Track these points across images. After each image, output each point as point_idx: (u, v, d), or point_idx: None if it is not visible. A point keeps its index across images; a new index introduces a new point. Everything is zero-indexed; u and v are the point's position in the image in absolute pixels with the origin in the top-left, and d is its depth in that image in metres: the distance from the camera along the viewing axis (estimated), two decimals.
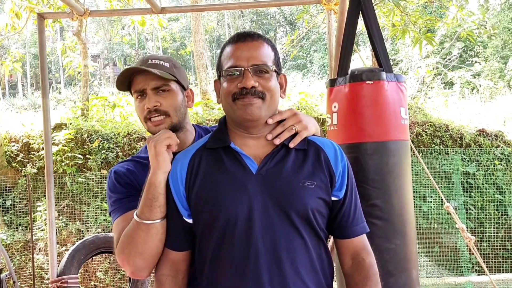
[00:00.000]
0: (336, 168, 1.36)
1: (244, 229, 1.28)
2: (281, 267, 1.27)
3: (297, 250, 1.29)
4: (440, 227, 6.31)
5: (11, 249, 6.08)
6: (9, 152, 6.75)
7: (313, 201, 1.31)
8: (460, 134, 6.96)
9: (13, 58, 8.90)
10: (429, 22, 7.83)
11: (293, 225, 1.29)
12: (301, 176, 1.32)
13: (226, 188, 1.31)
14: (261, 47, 1.36)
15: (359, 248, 1.39)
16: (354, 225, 1.40)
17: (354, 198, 1.40)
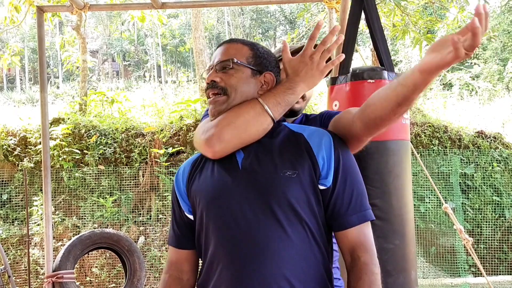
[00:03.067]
0: (319, 155, 1.28)
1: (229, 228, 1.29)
2: (263, 262, 1.23)
3: (280, 244, 1.23)
4: (437, 228, 6.31)
5: (6, 244, 6.06)
6: (6, 146, 6.72)
7: (296, 191, 1.24)
8: (459, 136, 6.96)
9: (11, 52, 8.87)
10: (429, 23, 7.82)
11: (276, 218, 1.24)
12: (283, 166, 1.27)
13: (214, 184, 1.33)
14: (233, 46, 1.40)
15: (355, 243, 1.25)
16: (350, 214, 1.27)
17: (350, 185, 1.28)
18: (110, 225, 6.15)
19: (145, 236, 6.19)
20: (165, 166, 6.39)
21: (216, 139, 1.34)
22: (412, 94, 1.16)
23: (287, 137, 1.33)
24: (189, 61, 24.75)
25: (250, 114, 1.32)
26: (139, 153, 6.58)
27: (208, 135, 1.35)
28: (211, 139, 1.34)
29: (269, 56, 1.42)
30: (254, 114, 1.32)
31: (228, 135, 1.32)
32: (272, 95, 1.34)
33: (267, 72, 1.38)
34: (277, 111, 1.33)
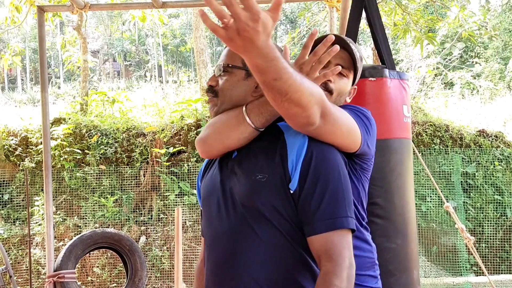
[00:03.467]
0: (290, 156, 1.23)
1: (211, 227, 1.36)
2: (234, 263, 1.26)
3: (251, 247, 1.24)
4: (439, 227, 6.30)
5: (8, 243, 6.06)
6: (7, 146, 6.73)
7: (264, 196, 1.23)
8: (460, 135, 6.94)
9: (12, 52, 8.87)
10: (430, 22, 7.81)
11: (247, 222, 1.25)
12: (255, 170, 1.26)
13: (209, 183, 1.41)
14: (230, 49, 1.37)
15: (320, 251, 1.17)
16: (316, 220, 1.18)
17: (321, 189, 1.20)
18: (111, 225, 6.15)
19: (146, 236, 6.18)
20: (166, 166, 6.39)
21: (202, 141, 1.42)
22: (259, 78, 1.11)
23: (272, 138, 1.31)
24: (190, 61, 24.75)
25: (232, 122, 1.34)
26: (140, 153, 6.58)
27: (199, 136, 1.45)
28: (199, 140, 1.43)
29: None
30: (236, 122, 1.33)
31: (211, 139, 1.39)
32: (256, 105, 1.32)
33: None
34: (258, 121, 1.30)
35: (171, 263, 5.83)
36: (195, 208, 6.24)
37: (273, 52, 1.04)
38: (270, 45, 1.04)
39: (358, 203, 1.47)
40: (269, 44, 1.03)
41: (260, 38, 1.00)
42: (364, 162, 1.46)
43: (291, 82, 1.09)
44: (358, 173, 1.47)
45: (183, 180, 6.38)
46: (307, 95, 1.14)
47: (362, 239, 1.49)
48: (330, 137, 1.26)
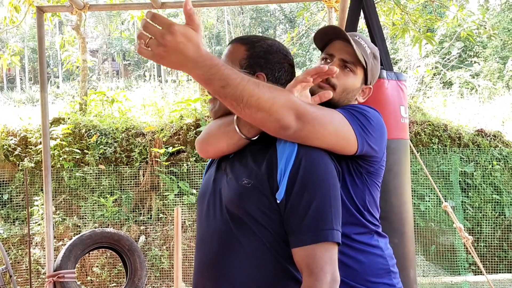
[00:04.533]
0: (279, 165, 1.20)
1: (201, 225, 1.37)
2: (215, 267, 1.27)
3: (232, 252, 1.24)
4: (437, 227, 6.32)
5: (7, 243, 6.07)
6: (7, 146, 6.73)
7: (247, 201, 1.21)
8: (459, 134, 6.96)
9: (11, 52, 8.87)
10: (429, 22, 7.82)
11: (230, 226, 1.24)
12: (243, 175, 1.25)
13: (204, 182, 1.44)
14: (232, 48, 1.38)
15: (302, 264, 1.15)
16: (300, 232, 1.15)
17: (308, 200, 1.16)
18: (110, 225, 6.16)
19: (145, 236, 6.20)
20: (165, 165, 6.40)
21: (199, 142, 1.44)
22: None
23: (264, 144, 1.28)
24: None
25: (224, 129, 1.34)
26: (140, 152, 6.59)
27: (198, 137, 1.46)
28: (197, 141, 1.46)
29: (268, 54, 1.35)
30: (227, 130, 1.33)
31: (206, 142, 1.41)
32: None
33: (259, 73, 1.33)
34: (247, 130, 1.29)
35: (171, 263, 5.84)
36: (194, 207, 6.25)
37: (210, 60, 1.05)
38: (204, 54, 1.04)
39: (363, 208, 1.41)
40: (203, 53, 1.04)
41: (189, 49, 1.01)
42: (370, 165, 1.40)
43: (241, 87, 1.09)
44: (364, 177, 1.40)
45: (182, 180, 6.39)
46: (267, 99, 1.13)
47: (370, 245, 1.42)
48: (315, 140, 1.23)
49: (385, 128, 1.46)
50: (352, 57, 1.48)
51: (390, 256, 1.50)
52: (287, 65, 1.38)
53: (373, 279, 1.40)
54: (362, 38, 1.54)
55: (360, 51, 1.48)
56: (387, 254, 1.48)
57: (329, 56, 1.51)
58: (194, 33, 1.02)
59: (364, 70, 1.51)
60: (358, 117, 1.35)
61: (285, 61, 1.38)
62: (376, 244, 1.45)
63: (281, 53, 1.37)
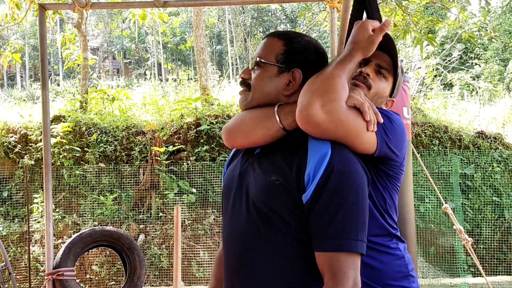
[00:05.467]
0: (308, 167, 1.20)
1: (226, 220, 1.38)
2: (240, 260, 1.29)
3: (256, 246, 1.25)
4: (437, 228, 6.31)
5: (7, 241, 6.07)
6: (7, 143, 6.73)
7: (275, 198, 1.22)
8: (459, 136, 6.96)
9: (12, 49, 8.86)
10: (430, 23, 7.82)
11: (255, 220, 1.26)
12: (272, 170, 1.25)
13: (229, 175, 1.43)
14: (269, 41, 1.38)
15: (324, 267, 1.16)
16: (324, 238, 1.17)
17: (334, 209, 1.16)
18: (110, 223, 6.15)
19: (145, 234, 6.19)
20: (165, 164, 6.40)
21: (227, 131, 1.43)
22: None
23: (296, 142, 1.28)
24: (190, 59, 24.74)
25: (260, 117, 1.33)
26: (140, 151, 6.58)
27: (225, 125, 1.45)
28: (225, 129, 1.45)
29: (305, 51, 1.35)
30: (264, 118, 1.32)
31: (236, 131, 1.40)
32: (288, 106, 1.32)
33: (295, 69, 1.33)
34: (286, 120, 1.29)
35: (170, 262, 5.84)
36: (194, 207, 6.25)
37: None
38: None
39: (384, 211, 1.41)
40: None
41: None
42: (389, 169, 1.40)
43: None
44: (384, 180, 1.41)
45: (182, 179, 6.39)
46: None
47: (390, 247, 1.42)
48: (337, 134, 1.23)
49: (406, 133, 1.46)
50: (387, 64, 1.52)
51: (409, 260, 1.50)
52: (322, 63, 1.37)
53: (392, 282, 1.41)
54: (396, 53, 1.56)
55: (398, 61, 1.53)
56: (406, 258, 1.47)
57: (365, 61, 1.52)
58: None
59: (393, 81, 1.55)
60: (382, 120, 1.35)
61: (321, 60, 1.38)
62: (396, 247, 1.45)
63: (318, 52, 1.38)
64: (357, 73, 1.51)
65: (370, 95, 1.48)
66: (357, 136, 1.27)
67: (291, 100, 1.32)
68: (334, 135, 1.22)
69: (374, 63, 1.51)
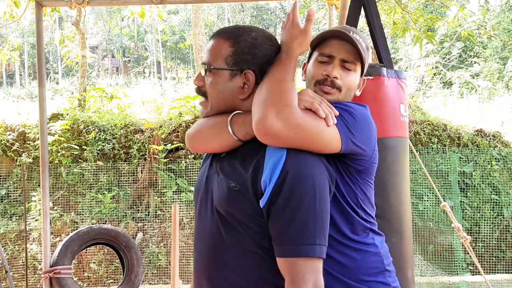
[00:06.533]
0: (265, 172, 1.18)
1: (196, 224, 1.37)
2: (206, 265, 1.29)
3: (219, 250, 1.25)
4: (435, 226, 6.31)
5: (4, 239, 6.06)
6: (5, 141, 6.71)
7: (234, 205, 1.22)
8: (458, 134, 6.95)
9: (10, 47, 8.84)
10: (429, 21, 7.80)
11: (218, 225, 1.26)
12: (231, 176, 1.24)
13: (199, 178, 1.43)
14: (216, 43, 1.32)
15: (284, 271, 1.16)
16: (281, 244, 1.16)
17: (291, 213, 1.14)
18: (108, 221, 6.14)
19: (143, 232, 6.18)
20: (163, 162, 6.39)
21: (189, 138, 1.44)
22: None
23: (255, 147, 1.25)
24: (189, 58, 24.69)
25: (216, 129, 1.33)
26: (138, 149, 6.57)
27: (188, 131, 1.45)
28: (187, 135, 1.45)
29: (254, 49, 1.28)
30: (219, 130, 1.31)
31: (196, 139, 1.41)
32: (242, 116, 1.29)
33: (247, 71, 1.28)
34: (240, 132, 1.27)
35: (168, 260, 5.83)
36: (192, 205, 6.24)
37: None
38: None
39: (356, 206, 1.39)
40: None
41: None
42: (358, 164, 1.38)
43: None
44: (353, 175, 1.39)
45: (181, 177, 6.38)
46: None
47: (365, 243, 1.41)
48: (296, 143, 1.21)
49: (373, 125, 1.44)
50: (352, 56, 1.47)
51: (386, 255, 1.49)
52: (274, 54, 1.32)
53: (367, 278, 1.39)
54: (355, 32, 1.51)
55: (361, 49, 1.47)
56: (382, 253, 1.46)
57: (327, 57, 1.49)
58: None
59: (361, 65, 1.52)
60: (343, 115, 1.33)
61: (272, 51, 1.32)
62: (371, 242, 1.44)
63: (266, 44, 1.31)
64: (323, 77, 1.47)
65: (342, 94, 1.46)
66: (319, 138, 1.25)
67: (248, 104, 1.28)
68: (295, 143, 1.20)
69: (338, 59, 1.47)
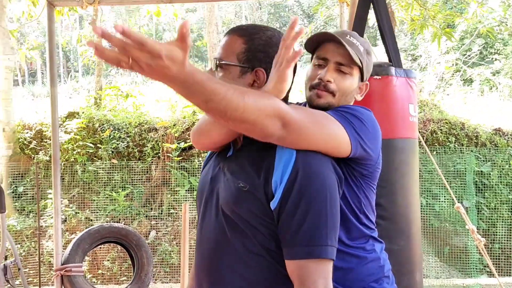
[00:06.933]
0: (275, 173, 1.16)
1: (199, 226, 1.35)
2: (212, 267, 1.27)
3: (225, 252, 1.23)
4: (452, 227, 6.19)
5: (21, 235, 6.16)
6: (22, 139, 6.81)
7: (242, 206, 1.19)
8: (476, 133, 6.80)
9: (29, 46, 8.98)
10: (448, 17, 7.65)
11: (224, 226, 1.23)
12: (240, 176, 1.22)
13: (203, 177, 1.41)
14: (230, 40, 1.30)
15: (294, 275, 1.13)
16: (292, 245, 1.13)
17: (302, 213, 1.13)
18: (122, 219, 6.19)
19: (156, 231, 6.22)
20: (177, 161, 6.41)
21: (192, 134, 1.42)
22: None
23: (264, 146, 1.22)
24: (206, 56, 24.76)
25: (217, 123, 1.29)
26: (152, 147, 6.61)
27: (193, 128, 1.43)
28: (192, 131, 1.43)
29: (267, 47, 1.27)
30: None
31: (198, 134, 1.38)
32: None
33: (258, 68, 1.26)
34: None
35: (180, 258, 5.85)
36: None
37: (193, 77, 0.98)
38: (187, 72, 0.97)
39: (359, 211, 1.39)
40: (186, 71, 0.96)
41: (172, 70, 0.94)
42: (363, 168, 1.37)
43: (225, 103, 1.03)
44: (358, 180, 1.38)
45: (194, 176, 6.39)
46: (252, 111, 1.08)
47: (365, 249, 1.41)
48: (303, 144, 1.18)
49: (379, 129, 1.43)
50: (346, 59, 1.44)
51: (385, 262, 1.47)
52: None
53: (364, 284, 1.38)
54: (353, 36, 1.49)
55: (355, 52, 1.44)
56: (382, 260, 1.45)
57: (323, 60, 1.46)
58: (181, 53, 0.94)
59: (359, 69, 1.48)
60: (351, 120, 1.31)
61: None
62: (371, 249, 1.42)
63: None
64: (317, 80, 1.44)
65: (337, 99, 1.43)
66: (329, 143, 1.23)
67: None
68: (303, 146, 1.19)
69: (333, 62, 1.44)
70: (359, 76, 1.49)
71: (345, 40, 1.44)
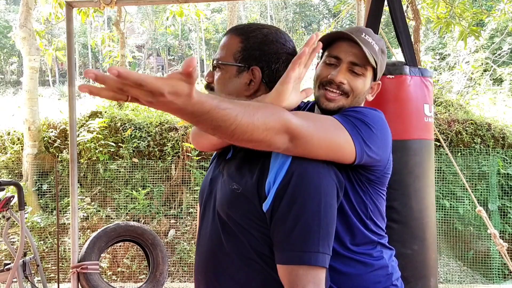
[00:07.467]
0: (270, 174, 1.13)
1: (200, 223, 1.34)
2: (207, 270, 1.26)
3: (219, 255, 1.21)
4: (476, 231, 6.01)
5: (44, 232, 6.28)
6: (47, 138, 6.96)
7: (235, 208, 1.17)
8: (503, 134, 6.58)
9: (56, 47, 9.18)
10: (475, 16, 7.44)
11: (218, 229, 1.21)
12: (234, 178, 1.19)
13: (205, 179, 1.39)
14: (227, 40, 1.29)
15: (284, 280, 1.10)
16: (282, 250, 1.10)
17: (294, 218, 1.09)
18: (142, 218, 6.25)
19: (175, 230, 6.25)
20: (196, 160, 6.43)
21: (192, 135, 1.43)
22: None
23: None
24: None
25: None
26: (172, 147, 6.65)
27: (192, 129, 1.44)
28: (191, 132, 1.44)
29: (263, 45, 1.25)
30: None
31: (197, 135, 1.38)
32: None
33: (253, 67, 1.24)
34: None
35: None
36: None
37: (202, 106, 0.92)
38: (194, 103, 0.90)
39: (366, 217, 1.32)
40: (193, 102, 0.90)
41: (177, 104, 0.88)
42: (370, 174, 1.30)
43: (234, 127, 0.99)
44: (365, 185, 1.31)
45: None
46: (260, 132, 1.03)
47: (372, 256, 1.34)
48: (308, 155, 1.14)
49: (389, 133, 1.35)
50: (361, 59, 1.36)
51: (394, 270, 1.40)
52: (285, 55, 1.26)
53: None
54: (368, 34, 1.41)
55: (370, 52, 1.36)
56: (390, 267, 1.38)
57: (335, 59, 1.38)
58: (186, 86, 0.88)
59: (373, 69, 1.40)
60: (358, 125, 1.24)
61: (283, 51, 1.27)
62: (378, 256, 1.36)
63: (278, 43, 1.26)
64: (328, 79, 1.36)
65: (349, 100, 1.36)
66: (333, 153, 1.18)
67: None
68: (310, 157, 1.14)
69: (346, 62, 1.36)
70: (372, 76, 1.42)
71: (360, 38, 1.36)
